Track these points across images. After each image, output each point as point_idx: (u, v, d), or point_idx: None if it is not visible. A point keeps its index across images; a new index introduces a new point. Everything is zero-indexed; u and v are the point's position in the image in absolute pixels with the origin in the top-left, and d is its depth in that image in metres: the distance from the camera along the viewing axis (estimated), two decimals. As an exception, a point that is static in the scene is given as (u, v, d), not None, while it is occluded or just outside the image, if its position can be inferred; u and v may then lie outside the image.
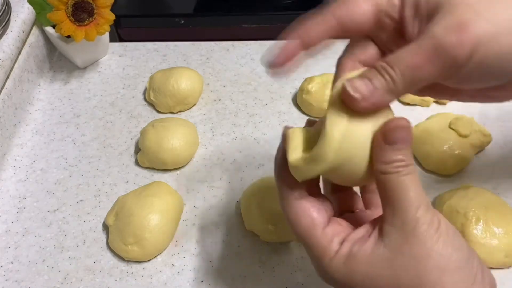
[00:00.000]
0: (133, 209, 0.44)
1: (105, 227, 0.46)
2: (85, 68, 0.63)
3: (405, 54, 0.24)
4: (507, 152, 0.51)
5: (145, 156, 0.50)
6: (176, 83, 0.55)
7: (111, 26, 0.57)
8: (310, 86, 0.55)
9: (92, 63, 0.64)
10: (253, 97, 0.59)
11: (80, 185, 0.50)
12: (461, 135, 0.50)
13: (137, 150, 0.53)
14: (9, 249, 0.45)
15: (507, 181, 0.49)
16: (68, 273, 0.43)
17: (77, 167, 0.52)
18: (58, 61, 0.64)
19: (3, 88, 0.53)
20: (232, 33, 0.74)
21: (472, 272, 0.25)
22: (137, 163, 0.52)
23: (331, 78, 0.31)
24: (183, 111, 0.57)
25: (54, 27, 0.59)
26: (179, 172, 0.51)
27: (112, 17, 0.56)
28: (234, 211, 0.47)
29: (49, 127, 0.56)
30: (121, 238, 0.43)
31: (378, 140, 0.25)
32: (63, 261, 0.44)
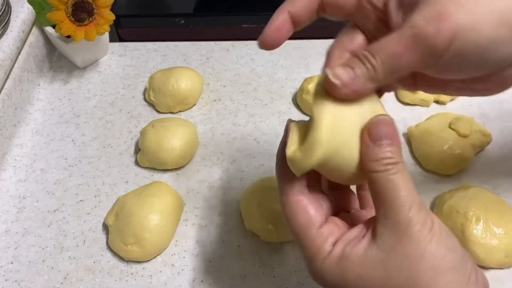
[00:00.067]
0: (133, 209, 0.44)
1: (105, 227, 0.46)
2: (85, 68, 0.63)
3: (386, 43, 0.24)
4: (507, 152, 0.51)
5: (145, 156, 0.50)
6: (176, 83, 0.55)
7: (111, 26, 0.57)
8: (310, 86, 0.55)
9: (92, 63, 0.64)
10: (253, 97, 0.59)
11: (80, 185, 0.50)
12: (461, 135, 0.50)
13: (137, 150, 0.53)
14: (9, 249, 0.45)
15: (507, 181, 0.49)
16: (68, 273, 0.43)
17: (77, 167, 0.52)
18: (58, 61, 0.64)
19: (3, 88, 0.53)
20: (232, 33, 0.74)
21: (466, 272, 0.25)
22: (137, 163, 0.52)
23: None
24: (183, 111, 0.57)
25: (54, 27, 0.59)
26: (179, 172, 0.51)
27: (112, 17, 0.56)
28: (234, 211, 0.47)
29: (49, 127, 0.56)
30: (121, 238, 0.43)
31: (364, 137, 0.25)
32: (63, 261, 0.44)
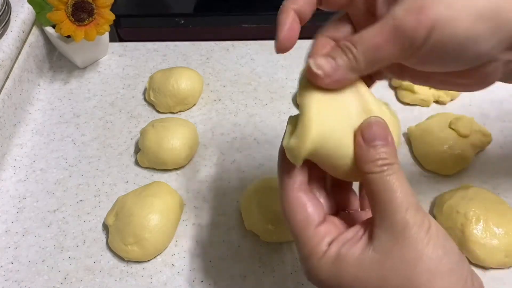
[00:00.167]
0: (133, 209, 0.44)
1: (105, 227, 0.46)
2: (85, 68, 0.63)
3: (368, 34, 0.24)
4: (507, 152, 0.51)
5: (145, 156, 0.50)
6: (176, 83, 0.55)
7: (111, 26, 0.57)
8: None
9: (92, 63, 0.64)
10: (253, 97, 0.59)
11: (80, 185, 0.50)
12: (461, 135, 0.50)
13: (137, 150, 0.53)
14: (9, 249, 0.45)
15: (507, 181, 0.49)
16: (68, 273, 0.43)
17: (77, 167, 0.52)
18: (58, 61, 0.64)
19: (3, 88, 0.53)
20: (232, 33, 0.74)
21: (462, 276, 0.25)
22: (137, 163, 0.52)
23: None
24: (183, 111, 0.57)
25: (54, 27, 0.59)
26: (179, 172, 0.51)
27: (112, 17, 0.56)
28: (234, 211, 0.47)
29: (49, 127, 0.56)
30: (121, 238, 0.43)
31: (357, 139, 0.26)
32: (63, 261, 0.44)
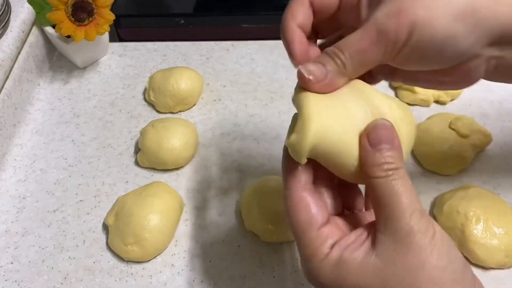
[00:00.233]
0: (133, 209, 0.44)
1: (105, 227, 0.46)
2: (84, 68, 0.63)
3: (353, 39, 0.26)
4: (507, 152, 0.51)
5: (145, 156, 0.50)
6: (176, 83, 0.55)
7: (111, 26, 0.57)
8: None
9: (92, 63, 0.64)
10: (253, 97, 0.59)
11: (80, 185, 0.50)
12: (461, 135, 0.50)
13: (137, 150, 0.53)
14: (9, 249, 0.45)
15: (507, 181, 0.49)
16: (68, 273, 0.43)
17: (76, 167, 0.52)
18: (57, 61, 0.64)
19: (2, 88, 0.53)
20: (232, 33, 0.74)
21: (465, 285, 0.24)
22: (137, 163, 0.52)
23: None
24: (183, 111, 0.57)
25: (54, 27, 0.59)
26: (179, 172, 0.51)
27: (112, 17, 0.56)
28: (234, 211, 0.47)
29: (49, 127, 0.56)
30: (121, 238, 0.43)
31: (363, 142, 0.25)
32: (63, 261, 0.44)
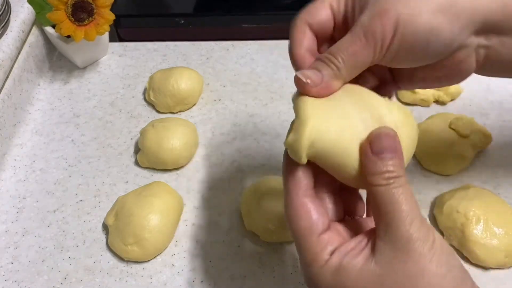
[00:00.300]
0: (133, 209, 0.44)
1: (105, 227, 0.46)
2: (84, 68, 0.63)
3: (344, 43, 0.28)
4: (507, 152, 0.51)
5: (145, 156, 0.50)
6: (176, 83, 0.55)
7: (111, 26, 0.57)
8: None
9: (91, 63, 0.64)
10: (253, 97, 0.59)
11: (79, 185, 0.50)
12: (461, 135, 0.50)
13: (137, 150, 0.53)
14: (8, 249, 0.45)
15: (508, 181, 0.49)
16: (67, 273, 0.43)
17: (76, 167, 0.52)
18: (57, 61, 0.64)
19: (2, 88, 0.53)
20: (232, 33, 0.74)
21: None
22: (136, 163, 0.52)
23: None
24: (183, 111, 0.57)
25: (53, 27, 0.59)
26: (179, 172, 0.51)
27: (112, 17, 0.56)
28: (234, 211, 0.47)
29: (49, 127, 0.56)
30: (121, 238, 0.43)
31: (365, 150, 0.26)
32: (63, 261, 0.44)
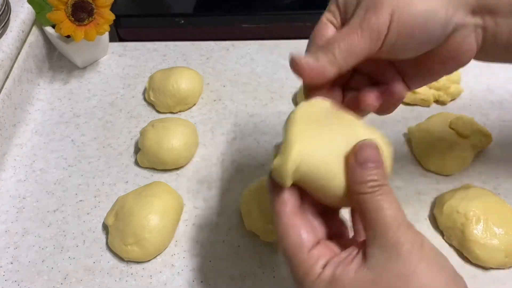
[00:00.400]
0: (133, 209, 0.44)
1: (105, 227, 0.46)
2: (84, 68, 0.63)
3: (341, 34, 0.29)
4: (507, 152, 0.51)
5: (145, 156, 0.50)
6: (176, 83, 0.55)
7: (110, 26, 0.57)
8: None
9: (91, 63, 0.64)
10: (253, 97, 0.59)
11: (79, 185, 0.50)
12: (461, 135, 0.50)
13: (137, 150, 0.53)
14: (8, 249, 0.45)
15: (508, 181, 0.49)
16: (67, 273, 0.43)
17: (76, 167, 0.52)
18: (57, 61, 0.64)
19: (2, 88, 0.53)
20: (232, 33, 0.74)
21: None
22: (136, 163, 0.52)
23: None
24: (183, 111, 0.57)
25: (53, 27, 0.59)
26: (179, 172, 0.51)
27: (111, 17, 0.56)
28: (234, 211, 0.47)
29: (49, 127, 0.56)
30: (121, 238, 0.43)
31: (350, 161, 0.27)
32: (63, 262, 0.44)
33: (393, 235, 0.25)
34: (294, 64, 0.29)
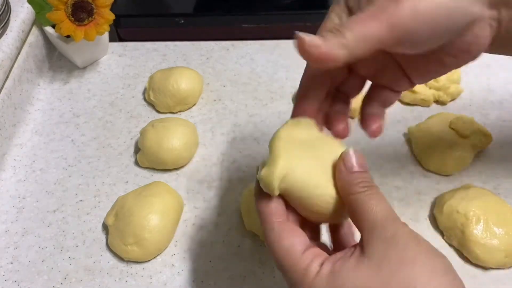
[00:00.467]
0: (133, 209, 0.44)
1: (105, 227, 0.46)
2: (84, 68, 0.63)
3: (354, 18, 0.26)
4: (507, 152, 0.51)
5: (145, 156, 0.50)
6: (176, 83, 0.55)
7: (111, 26, 0.57)
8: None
9: (91, 63, 0.64)
10: (253, 97, 0.59)
11: (79, 185, 0.50)
12: (461, 135, 0.50)
13: (137, 150, 0.53)
14: (8, 249, 0.45)
15: (508, 181, 0.49)
16: (67, 273, 0.43)
17: (76, 167, 0.52)
18: (57, 61, 0.64)
19: (2, 88, 0.53)
20: (232, 33, 0.74)
21: (456, 276, 0.25)
22: (136, 163, 0.52)
23: None
24: (183, 111, 0.57)
25: (53, 27, 0.59)
26: (179, 172, 0.51)
27: (111, 16, 0.56)
28: (234, 211, 0.47)
29: (49, 127, 0.56)
30: (120, 238, 0.43)
31: (339, 167, 0.28)
32: (63, 262, 0.44)
33: (390, 227, 0.26)
34: (299, 42, 0.26)
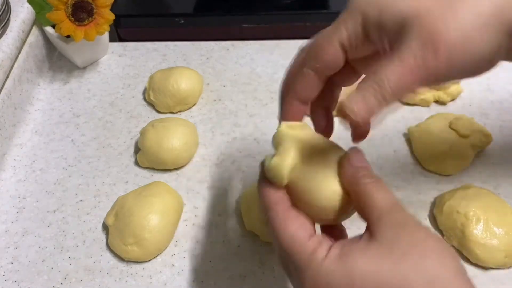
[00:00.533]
0: (133, 209, 0.44)
1: (105, 227, 0.46)
2: (84, 68, 0.63)
3: (390, 69, 0.25)
4: (507, 152, 0.51)
5: (145, 156, 0.50)
6: (176, 83, 0.55)
7: (110, 25, 0.57)
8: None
9: (91, 63, 0.64)
10: (253, 97, 0.59)
11: (79, 185, 0.50)
12: (461, 135, 0.50)
13: (137, 150, 0.53)
14: (8, 249, 0.45)
15: (508, 181, 0.49)
16: (67, 273, 0.43)
17: (76, 167, 0.52)
18: (57, 61, 0.64)
19: (2, 88, 0.53)
20: (232, 33, 0.74)
21: (459, 258, 0.26)
22: (136, 163, 0.52)
23: None
24: (183, 111, 0.57)
25: (53, 27, 0.59)
26: (179, 172, 0.51)
27: (111, 17, 0.56)
28: (234, 211, 0.47)
29: (49, 127, 0.56)
30: (120, 238, 0.43)
31: (345, 163, 0.29)
32: (63, 262, 0.44)
33: (399, 214, 0.26)
34: (348, 111, 0.25)
